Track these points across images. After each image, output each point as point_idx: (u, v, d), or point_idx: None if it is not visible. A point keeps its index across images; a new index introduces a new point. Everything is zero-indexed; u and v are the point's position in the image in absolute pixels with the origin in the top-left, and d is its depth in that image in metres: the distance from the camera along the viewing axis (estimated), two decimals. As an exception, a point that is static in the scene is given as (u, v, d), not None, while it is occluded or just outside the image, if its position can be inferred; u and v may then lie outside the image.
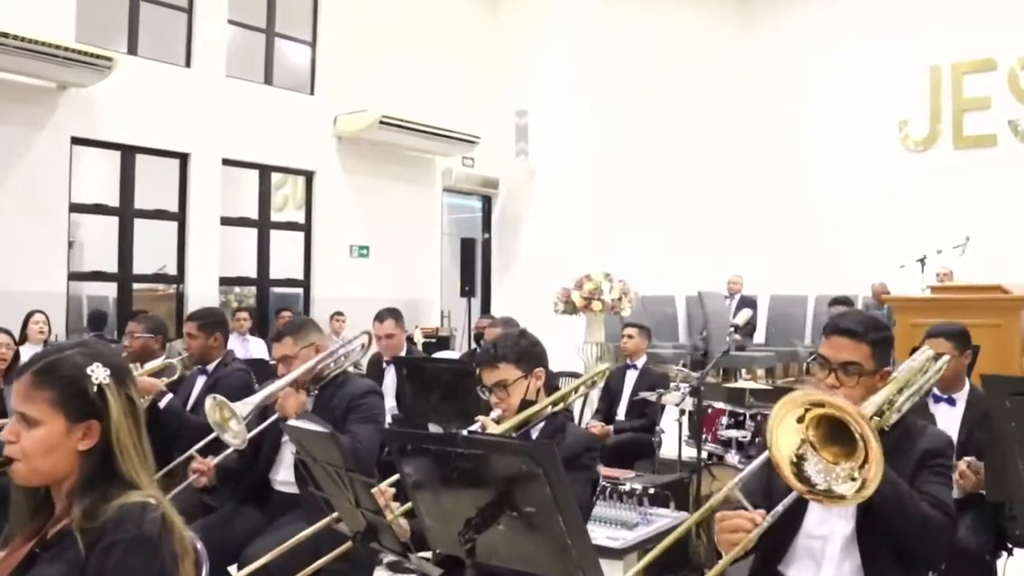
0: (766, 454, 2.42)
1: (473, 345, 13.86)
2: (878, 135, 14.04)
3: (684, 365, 9.78)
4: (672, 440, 6.87)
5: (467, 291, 12.99)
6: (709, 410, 6.17)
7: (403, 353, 6.34)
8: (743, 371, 12.72)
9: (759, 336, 13.81)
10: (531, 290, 12.41)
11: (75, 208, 9.90)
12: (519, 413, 3.22)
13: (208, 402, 3.77)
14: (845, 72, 14.25)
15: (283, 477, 4.05)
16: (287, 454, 4.00)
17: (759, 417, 6.08)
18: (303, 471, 2.93)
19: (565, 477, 2.21)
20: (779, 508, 2.40)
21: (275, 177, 12.10)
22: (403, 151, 12.75)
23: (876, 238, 13.13)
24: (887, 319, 11.46)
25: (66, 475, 1.98)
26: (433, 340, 12.11)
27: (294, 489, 3.95)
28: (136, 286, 10.61)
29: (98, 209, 10.31)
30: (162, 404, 4.65)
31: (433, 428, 5.58)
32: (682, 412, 6.87)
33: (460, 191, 14.20)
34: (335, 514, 2.87)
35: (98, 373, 1.99)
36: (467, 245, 13.15)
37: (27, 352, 7.36)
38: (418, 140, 12.51)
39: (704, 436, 6.13)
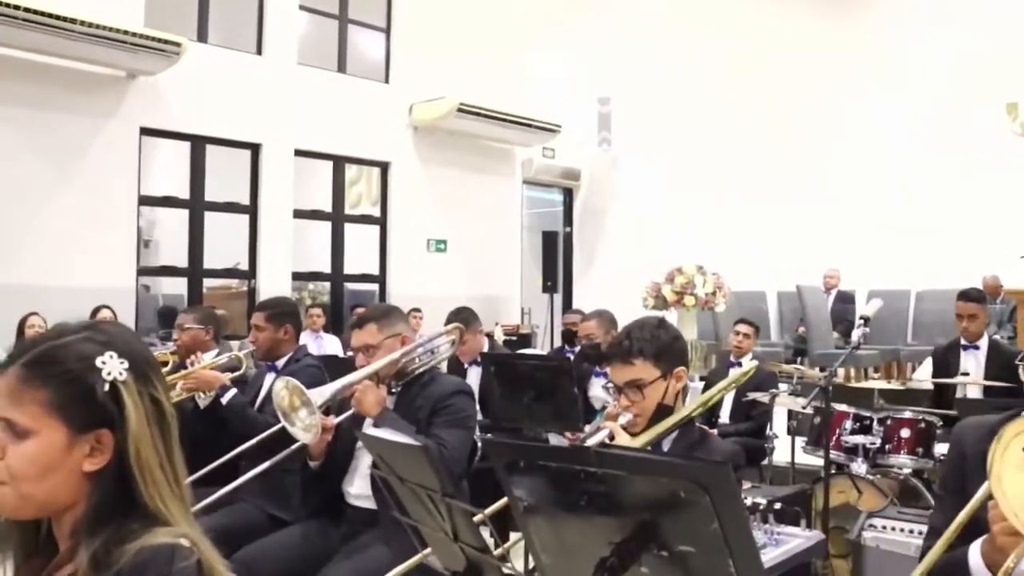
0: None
1: (558, 343, 13.42)
2: (986, 121, 13.13)
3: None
4: (784, 446, 6.24)
5: (549, 287, 12.45)
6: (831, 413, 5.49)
7: (485, 348, 5.79)
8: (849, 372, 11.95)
9: (855, 334, 12.99)
10: (616, 285, 11.86)
11: (144, 201, 9.59)
12: (653, 420, 2.65)
13: (278, 384, 3.25)
14: (947, 55, 13.39)
15: (358, 490, 3.52)
16: (363, 462, 3.47)
17: (889, 421, 5.41)
18: (382, 490, 2.37)
19: (742, 508, 1.62)
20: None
21: (349, 169, 11.66)
22: (481, 141, 12.24)
23: (984, 228, 12.27)
24: (1004, 314, 10.68)
25: (68, 505, 1.44)
26: (514, 338, 11.54)
27: (371, 504, 3.42)
28: (210, 284, 10.26)
29: (167, 202, 9.99)
30: (225, 399, 4.16)
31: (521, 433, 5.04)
32: (793, 414, 6.24)
33: (540, 183, 13.64)
34: (427, 551, 2.29)
35: (111, 366, 1.45)
36: (549, 239, 12.60)
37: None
38: (497, 129, 11.97)
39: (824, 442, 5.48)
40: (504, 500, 2.13)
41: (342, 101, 10.95)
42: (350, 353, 3.88)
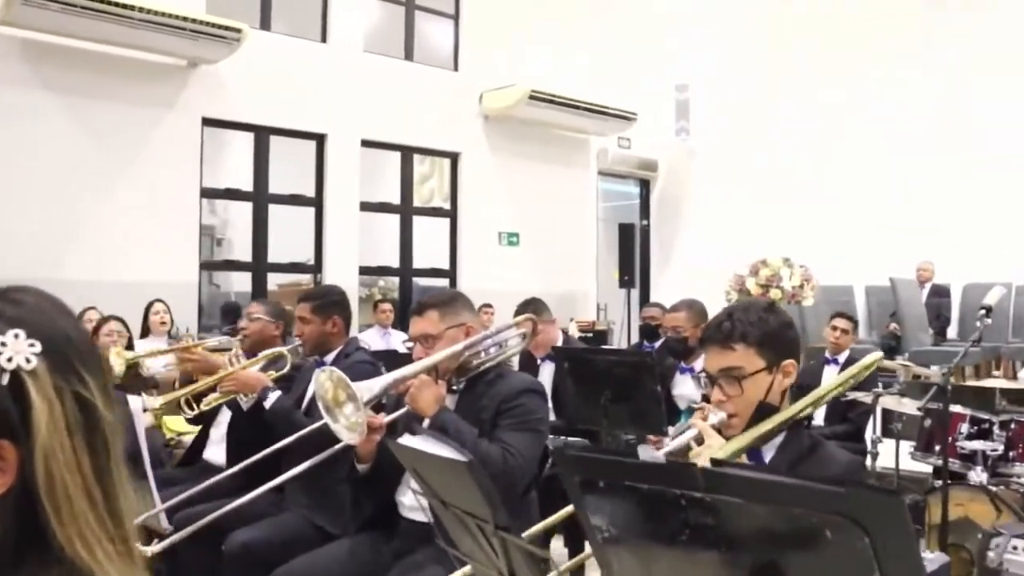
0: None
1: (635, 339, 12.91)
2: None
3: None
4: (887, 451, 5.68)
5: (626, 281, 11.95)
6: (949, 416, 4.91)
7: (560, 343, 5.33)
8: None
9: (951, 331, 12.29)
10: (695, 279, 11.29)
11: (206, 193, 9.34)
12: (753, 421, 2.19)
13: (321, 374, 2.81)
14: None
15: (412, 500, 3.07)
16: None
17: (1013, 425, 4.82)
18: (432, 517, 1.92)
19: (917, 557, 1.14)
20: None
21: (417, 159, 11.32)
22: (554, 130, 11.80)
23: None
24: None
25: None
26: (590, 334, 11.07)
27: (426, 517, 2.97)
28: (280, 281, 9.97)
29: (230, 194, 9.73)
30: (268, 403, 3.76)
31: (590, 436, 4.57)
32: (896, 416, 5.67)
33: (616, 174, 13.15)
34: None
35: (14, 349, 1.01)
36: (625, 232, 12.10)
37: (146, 346, 6.71)
38: (570, 117, 11.52)
39: (937, 447, 4.92)
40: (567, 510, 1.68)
41: (410, 90, 10.62)
42: (410, 346, 3.46)
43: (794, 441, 2.28)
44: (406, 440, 1.93)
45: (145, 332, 7.45)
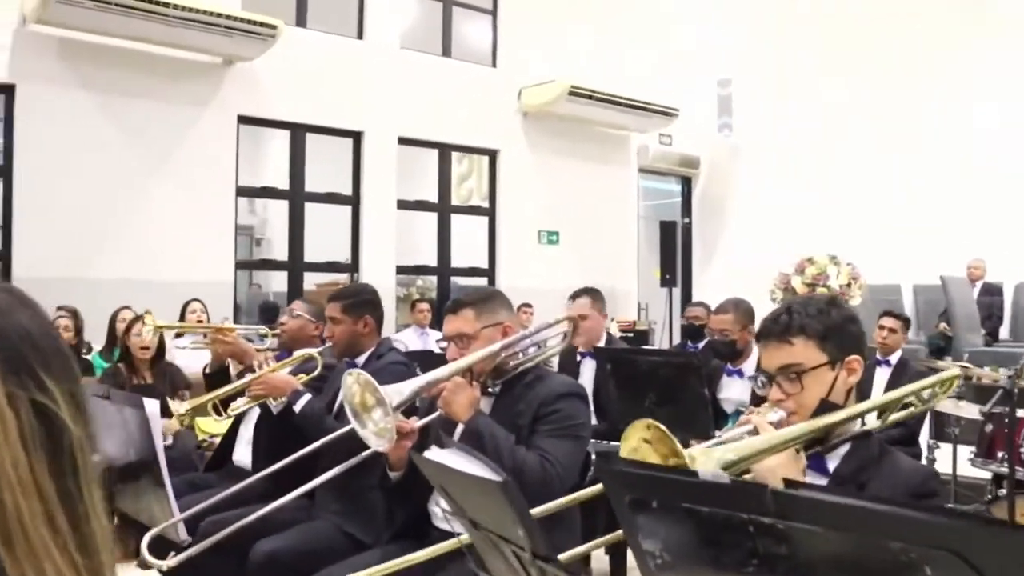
0: None
1: (677, 340, 12.67)
2: None
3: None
4: (943, 457, 5.45)
5: (667, 280, 11.71)
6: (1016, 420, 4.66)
7: (603, 343, 5.12)
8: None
9: (1003, 330, 11.95)
10: (738, 278, 11.04)
11: (242, 192, 9.23)
12: (813, 419, 2.02)
13: (347, 377, 2.63)
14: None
15: (445, 504, 2.90)
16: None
17: (1082, 430, 4.57)
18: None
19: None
20: None
21: (455, 160, 11.18)
22: (594, 127, 11.61)
23: None
24: None
25: None
26: (631, 334, 10.85)
27: (461, 528, 2.80)
28: (319, 281, 9.85)
29: (266, 192, 9.63)
30: (298, 407, 3.60)
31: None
32: (952, 420, 5.43)
33: (657, 171, 12.93)
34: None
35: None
36: (667, 230, 11.86)
37: (181, 344, 6.60)
38: (611, 114, 11.32)
39: (1000, 454, 4.68)
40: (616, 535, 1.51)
41: (447, 86, 10.47)
42: (443, 346, 3.29)
43: (863, 448, 2.10)
44: (433, 454, 1.75)
45: (180, 332, 7.34)
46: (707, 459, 1.82)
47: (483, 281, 11.13)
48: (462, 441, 2.76)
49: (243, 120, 9.09)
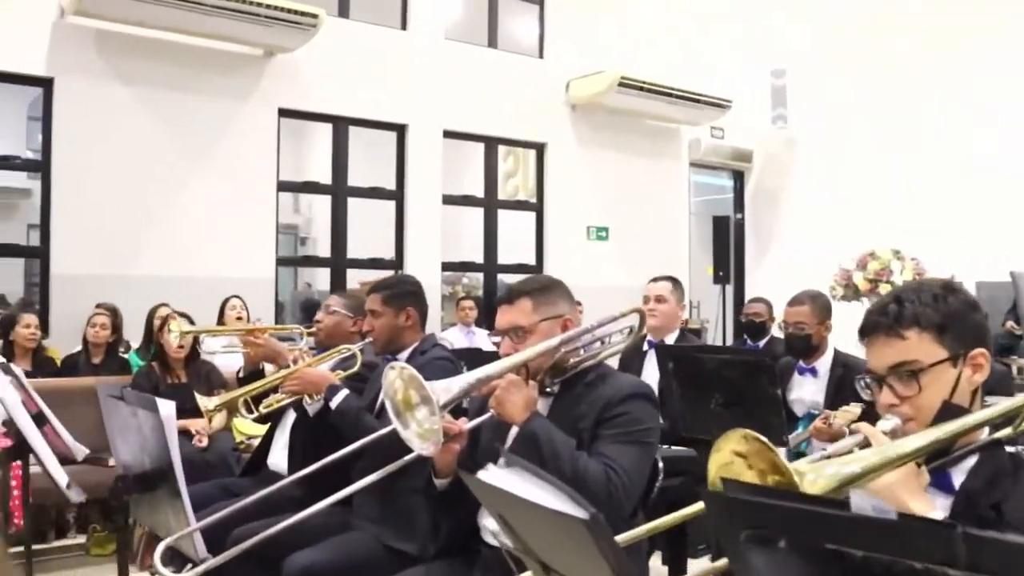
0: None
1: (731, 338, 12.30)
2: None
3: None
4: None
5: (721, 277, 11.35)
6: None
7: (673, 338, 4.79)
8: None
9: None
10: (794, 274, 10.63)
11: (284, 187, 9.01)
12: (934, 426, 1.70)
13: (390, 373, 2.33)
14: None
15: (496, 524, 2.60)
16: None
17: None
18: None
19: None
20: None
21: (501, 156, 10.89)
22: (644, 120, 11.27)
23: None
24: None
25: None
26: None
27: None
28: (361, 277, 9.60)
29: (308, 187, 9.42)
30: (334, 403, 3.33)
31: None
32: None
33: (709, 165, 12.55)
34: None
35: None
36: (720, 225, 11.51)
37: (219, 344, 6.37)
38: (662, 106, 10.96)
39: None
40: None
41: (493, 78, 10.18)
42: (496, 341, 2.99)
43: (993, 459, 1.76)
44: (491, 476, 1.44)
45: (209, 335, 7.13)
46: (818, 476, 1.51)
47: (531, 278, 10.84)
48: (516, 445, 2.46)
49: (284, 113, 8.87)
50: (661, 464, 2.73)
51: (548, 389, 2.57)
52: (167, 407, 2.11)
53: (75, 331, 6.82)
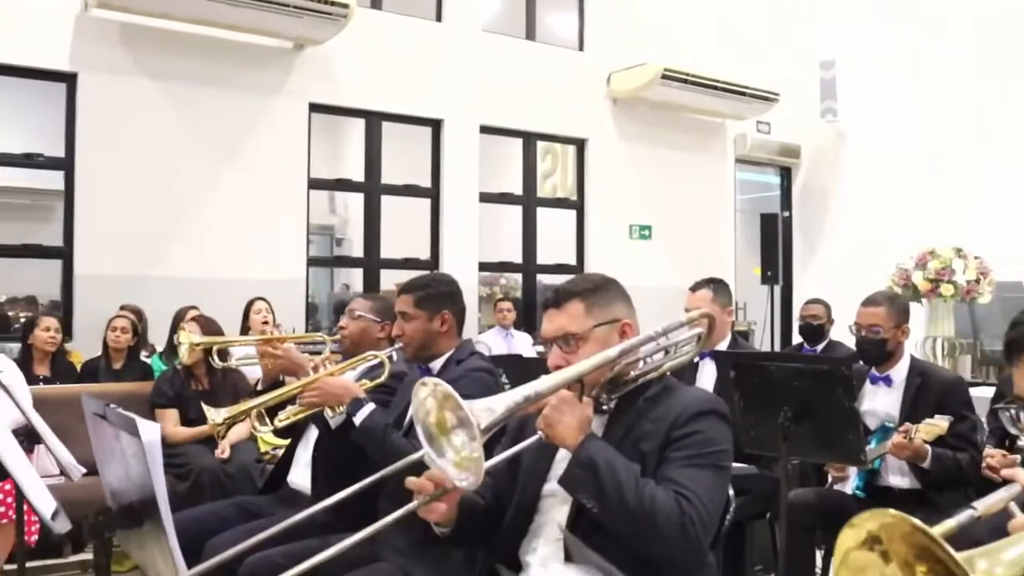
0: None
1: (779, 341, 11.86)
2: None
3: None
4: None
5: (769, 277, 10.92)
6: None
7: (724, 344, 4.40)
8: None
9: None
10: (845, 274, 10.26)
11: (315, 184, 8.72)
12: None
13: (420, 391, 1.94)
14: None
15: (542, 557, 2.24)
16: (551, 518, 2.21)
17: None
18: None
19: None
20: None
21: (540, 149, 10.53)
22: (688, 114, 10.89)
23: None
24: None
25: None
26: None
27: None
28: (396, 278, 9.28)
29: (341, 185, 9.13)
30: (358, 419, 2.96)
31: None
32: None
33: (755, 161, 12.11)
34: None
35: None
36: (768, 223, 11.07)
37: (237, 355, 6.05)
38: (706, 99, 10.56)
39: None
40: None
41: (532, 71, 9.85)
42: (541, 349, 2.60)
43: None
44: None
45: (244, 332, 6.84)
46: (993, 565, 1.12)
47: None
48: (569, 473, 2.07)
49: (315, 108, 8.59)
50: (732, 493, 2.36)
51: (604, 407, 2.19)
52: (150, 431, 1.76)
53: (99, 334, 6.54)
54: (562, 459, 2.20)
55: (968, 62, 11.20)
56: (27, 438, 3.43)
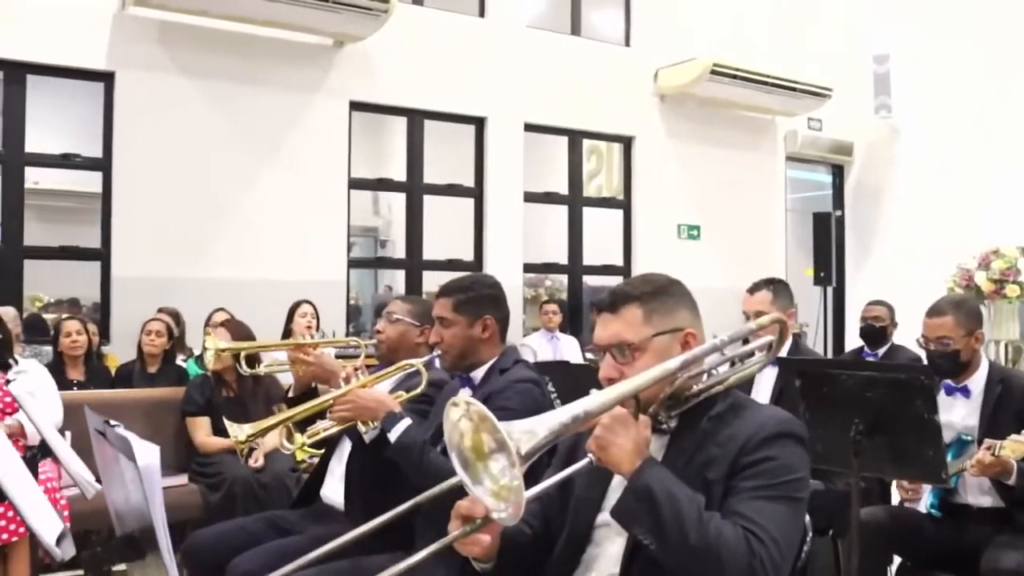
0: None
1: (833, 344, 11.52)
2: None
3: None
4: None
5: (822, 278, 10.59)
6: None
7: (785, 350, 4.11)
8: None
9: None
10: (901, 276, 9.95)
11: (355, 184, 8.56)
12: None
13: (451, 412, 1.70)
14: None
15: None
16: (607, 551, 1.97)
17: None
18: None
19: None
20: None
21: (585, 149, 10.30)
22: (737, 111, 10.62)
23: None
24: None
25: None
26: (781, 339, 9.76)
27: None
28: (439, 280, 9.11)
29: (382, 185, 8.94)
30: (393, 435, 2.73)
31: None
32: None
33: (806, 159, 11.78)
34: None
35: None
36: (821, 222, 10.74)
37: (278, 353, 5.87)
38: (756, 95, 10.27)
39: None
40: None
41: (577, 68, 9.64)
42: (592, 358, 2.35)
43: None
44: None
45: (287, 335, 6.67)
46: None
47: (618, 280, 10.21)
48: (624, 502, 1.82)
49: (355, 106, 8.43)
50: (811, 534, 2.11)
51: (663, 426, 1.93)
52: (147, 454, 1.54)
53: (137, 337, 6.41)
54: (617, 486, 1.96)
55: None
56: (40, 450, 3.25)
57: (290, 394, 3.41)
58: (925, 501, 3.59)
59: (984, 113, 10.94)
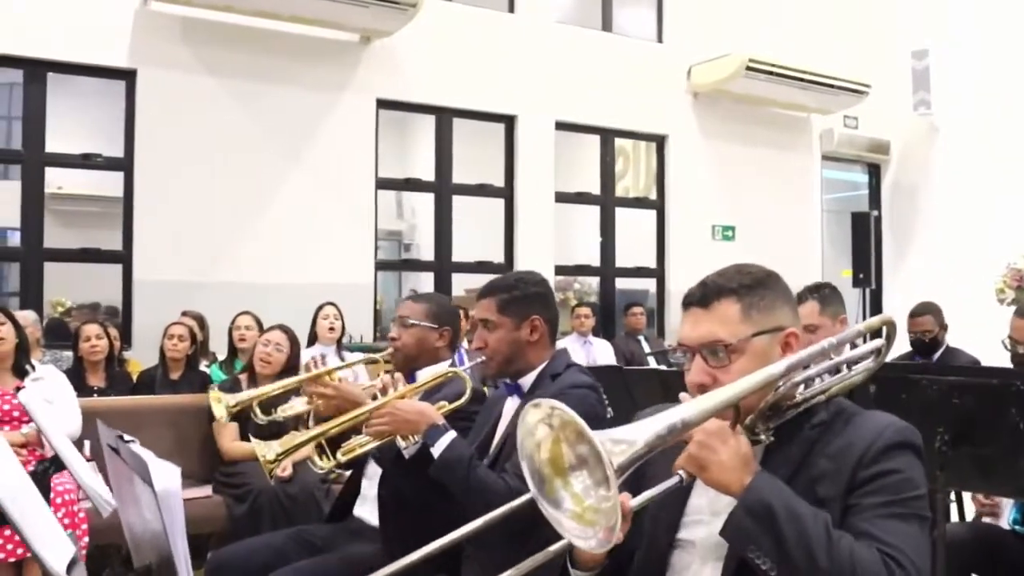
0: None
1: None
2: None
3: None
4: None
5: (861, 280, 10.30)
6: None
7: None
8: None
9: None
10: (940, 277, 9.66)
11: (383, 184, 8.38)
12: None
13: (529, 416, 1.45)
14: None
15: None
16: (694, 568, 1.71)
17: None
18: None
19: None
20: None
21: (619, 143, 10.07)
22: (772, 109, 10.37)
23: None
24: None
25: None
26: (821, 343, 9.49)
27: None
28: (467, 283, 8.90)
29: (410, 185, 8.75)
30: (437, 449, 2.46)
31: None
32: None
33: (842, 158, 11.51)
34: None
35: None
36: (859, 222, 10.45)
37: (311, 354, 5.65)
38: (791, 92, 10.02)
39: None
40: None
41: (609, 65, 9.42)
42: (678, 359, 2.08)
43: None
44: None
45: (312, 339, 6.46)
46: None
47: (651, 283, 9.97)
48: (738, 524, 1.54)
49: (383, 104, 8.26)
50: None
51: (761, 438, 1.66)
52: (166, 477, 1.30)
53: (159, 342, 6.22)
54: (697, 506, 1.72)
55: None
56: (52, 463, 3.03)
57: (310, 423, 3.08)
58: (1007, 516, 3.32)
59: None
